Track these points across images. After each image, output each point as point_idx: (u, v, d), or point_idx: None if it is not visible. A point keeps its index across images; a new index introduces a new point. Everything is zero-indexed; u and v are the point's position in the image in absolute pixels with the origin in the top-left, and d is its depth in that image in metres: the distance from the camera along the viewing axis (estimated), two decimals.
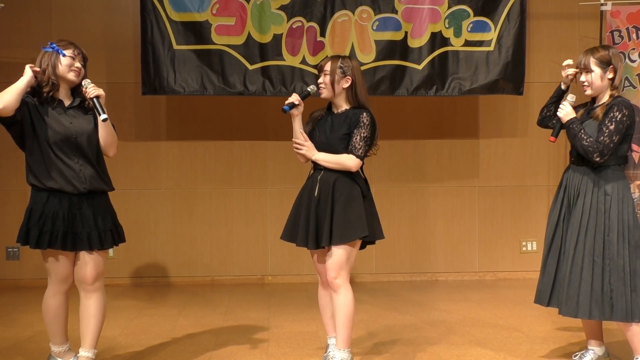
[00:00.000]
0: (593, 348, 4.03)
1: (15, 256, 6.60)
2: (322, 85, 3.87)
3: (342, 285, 3.78)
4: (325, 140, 3.84)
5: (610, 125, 3.73)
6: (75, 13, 6.58)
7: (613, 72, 3.82)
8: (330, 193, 3.76)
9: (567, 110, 3.84)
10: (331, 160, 3.80)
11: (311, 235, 3.77)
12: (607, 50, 3.86)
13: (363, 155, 3.79)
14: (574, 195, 3.87)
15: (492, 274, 6.96)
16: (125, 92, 6.58)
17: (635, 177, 6.15)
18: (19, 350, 4.44)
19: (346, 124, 3.80)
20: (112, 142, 3.79)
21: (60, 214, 3.62)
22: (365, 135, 3.78)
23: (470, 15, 6.24)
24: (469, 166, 6.94)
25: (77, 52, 3.71)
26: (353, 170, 3.79)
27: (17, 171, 6.39)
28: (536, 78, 6.81)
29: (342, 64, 3.84)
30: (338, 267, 3.76)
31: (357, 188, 3.81)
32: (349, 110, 3.87)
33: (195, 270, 6.79)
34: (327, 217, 3.74)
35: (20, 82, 3.59)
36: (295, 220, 3.89)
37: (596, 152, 3.72)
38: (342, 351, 3.82)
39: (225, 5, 6.10)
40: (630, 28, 6.22)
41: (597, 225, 3.76)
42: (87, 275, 3.71)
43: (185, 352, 4.40)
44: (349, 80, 3.84)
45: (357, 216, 3.74)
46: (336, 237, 3.73)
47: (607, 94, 3.86)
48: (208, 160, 6.79)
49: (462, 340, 4.65)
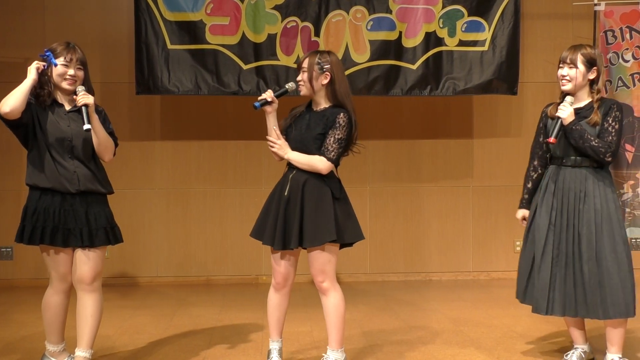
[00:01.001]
0: (580, 346, 4.06)
1: (8, 256, 6.58)
2: (300, 82, 3.77)
3: (330, 287, 3.75)
4: (300, 138, 3.74)
5: (616, 125, 3.77)
6: (69, 12, 6.57)
7: (596, 73, 3.84)
8: (299, 194, 3.68)
9: (569, 111, 3.80)
10: (302, 161, 3.70)
11: (278, 235, 3.69)
12: (594, 50, 3.87)
13: (335, 158, 3.70)
14: (574, 197, 3.83)
15: (486, 273, 6.97)
16: (119, 91, 6.58)
17: (628, 177, 6.17)
18: (12, 350, 4.43)
19: (322, 123, 3.71)
20: (105, 147, 3.78)
21: (51, 210, 3.65)
22: (339, 137, 3.69)
23: (464, 15, 6.25)
24: (463, 166, 6.95)
25: (70, 57, 3.68)
26: (323, 173, 3.69)
27: (11, 171, 6.41)
28: (530, 78, 6.83)
29: (320, 59, 3.72)
30: (322, 271, 3.73)
31: (327, 190, 3.71)
32: (327, 108, 3.76)
33: (190, 270, 6.79)
34: (296, 219, 3.66)
35: (25, 84, 3.59)
36: (264, 218, 3.81)
37: (608, 152, 3.74)
38: (336, 351, 3.80)
39: (219, 4, 6.10)
40: (624, 28, 6.24)
41: (608, 224, 3.78)
42: (85, 274, 3.71)
43: (179, 351, 4.40)
44: (328, 77, 3.72)
45: (326, 220, 3.65)
46: (307, 241, 3.66)
47: (586, 94, 3.87)
48: (202, 160, 6.78)
49: (456, 340, 4.66)
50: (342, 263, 6.75)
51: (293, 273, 3.88)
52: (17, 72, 6.28)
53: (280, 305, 3.90)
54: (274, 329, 3.93)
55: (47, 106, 3.69)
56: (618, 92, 6.18)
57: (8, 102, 3.51)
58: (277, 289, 3.88)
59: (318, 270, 3.73)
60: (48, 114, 3.68)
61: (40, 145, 3.65)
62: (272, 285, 3.90)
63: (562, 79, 3.87)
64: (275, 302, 3.90)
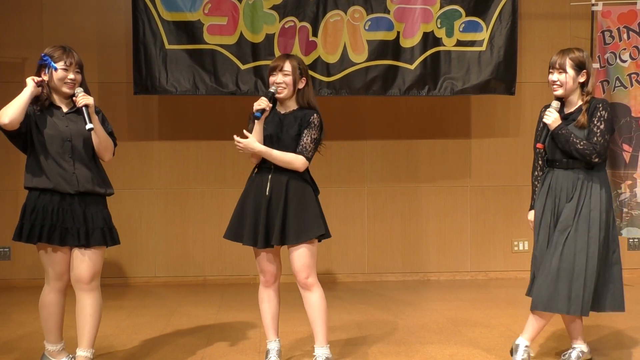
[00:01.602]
0: (578, 345, 4.06)
1: (6, 256, 6.58)
2: (282, 85, 3.84)
3: (314, 282, 3.85)
4: (277, 139, 3.83)
5: (601, 125, 3.79)
6: (67, 12, 6.57)
7: (586, 76, 3.86)
8: (283, 193, 3.79)
9: (554, 117, 3.85)
10: (280, 158, 3.80)
11: (261, 234, 3.79)
12: (582, 53, 3.89)
13: (311, 157, 3.85)
14: (565, 198, 3.86)
15: (484, 273, 6.98)
16: (117, 91, 6.57)
17: (626, 177, 6.18)
18: (11, 350, 4.43)
19: (297, 124, 3.83)
20: (105, 147, 3.80)
21: (50, 208, 3.66)
22: (315, 137, 3.83)
23: (462, 15, 6.25)
24: (461, 166, 6.95)
25: (70, 61, 3.70)
26: (300, 170, 3.82)
27: (9, 172, 6.41)
28: (528, 78, 6.83)
29: (300, 64, 3.87)
30: (307, 267, 3.82)
31: (309, 188, 3.87)
32: (297, 110, 3.88)
33: (188, 270, 6.79)
34: (279, 217, 3.76)
35: (23, 95, 3.61)
36: (240, 219, 3.91)
37: (594, 154, 3.76)
38: (323, 348, 3.89)
39: (217, 5, 6.10)
40: (621, 28, 6.24)
41: (586, 222, 3.78)
42: (83, 274, 3.71)
43: (177, 351, 4.40)
44: (304, 81, 3.88)
45: (313, 215, 3.81)
46: (292, 237, 3.76)
47: (579, 98, 3.89)
48: (200, 160, 6.78)
49: (454, 340, 4.66)
50: (340, 263, 6.77)
51: (279, 269, 3.99)
52: (15, 72, 6.36)
53: (272, 302, 3.99)
54: (270, 327, 4.00)
55: (44, 109, 3.70)
56: (615, 93, 6.19)
57: (7, 113, 3.54)
58: (267, 286, 3.99)
59: (303, 266, 3.82)
60: (46, 117, 3.69)
61: (40, 148, 3.66)
62: (262, 283, 4.01)
63: (552, 84, 3.91)
64: (267, 299, 3.99)
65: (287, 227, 3.76)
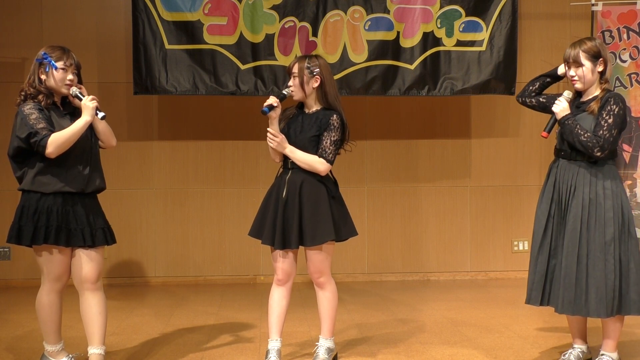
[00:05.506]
0: (579, 346, 4.05)
1: (6, 256, 6.57)
2: (292, 87, 3.89)
3: (327, 281, 3.95)
4: (295, 140, 3.87)
5: (609, 118, 3.69)
6: (67, 12, 6.56)
7: (603, 64, 3.79)
8: (297, 195, 3.83)
9: (563, 106, 3.79)
10: (302, 159, 3.84)
11: (278, 235, 3.83)
12: (594, 42, 3.80)
13: (333, 159, 3.86)
14: (566, 190, 3.80)
15: (484, 273, 6.97)
16: (117, 91, 6.57)
17: (625, 177, 6.18)
18: (10, 350, 4.43)
19: (316, 125, 3.85)
20: (110, 132, 3.88)
21: (54, 210, 3.65)
22: (335, 139, 3.86)
23: (462, 15, 6.25)
24: (461, 166, 6.95)
25: (69, 62, 3.71)
26: (322, 174, 3.86)
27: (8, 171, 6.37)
28: (528, 78, 6.73)
29: (309, 63, 3.87)
30: (320, 269, 3.91)
31: (323, 189, 3.87)
32: (319, 111, 3.91)
33: (187, 270, 6.78)
34: (295, 219, 3.81)
35: (78, 126, 3.62)
36: (262, 218, 3.95)
37: (596, 147, 3.67)
38: (328, 340, 4.01)
39: (217, 5, 6.10)
40: (621, 28, 6.25)
41: (597, 220, 3.71)
42: (90, 274, 3.72)
43: (176, 351, 4.40)
44: (318, 80, 3.87)
45: (324, 219, 3.83)
46: (307, 240, 3.81)
47: (597, 87, 3.82)
48: (200, 160, 6.78)
49: (454, 340, 4.66)
50: (340, 263, 6.76)
51: (294, 269, 4.01)
52: (15, 72, 6.36)
53: (281, 300, 3.98)
54: (274, 326, 3.99)
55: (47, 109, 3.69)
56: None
57: (59, 146, 3.55)
58: (280, 285, 3.99)
59: (316, 268, 3.91)
60: (51, 117, 3.68)
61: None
62: (275, 282, 4.00)
63: (571, 79, 3.84)
64: (277, 296, 3.99)
65: (303, 230, 3.81)
